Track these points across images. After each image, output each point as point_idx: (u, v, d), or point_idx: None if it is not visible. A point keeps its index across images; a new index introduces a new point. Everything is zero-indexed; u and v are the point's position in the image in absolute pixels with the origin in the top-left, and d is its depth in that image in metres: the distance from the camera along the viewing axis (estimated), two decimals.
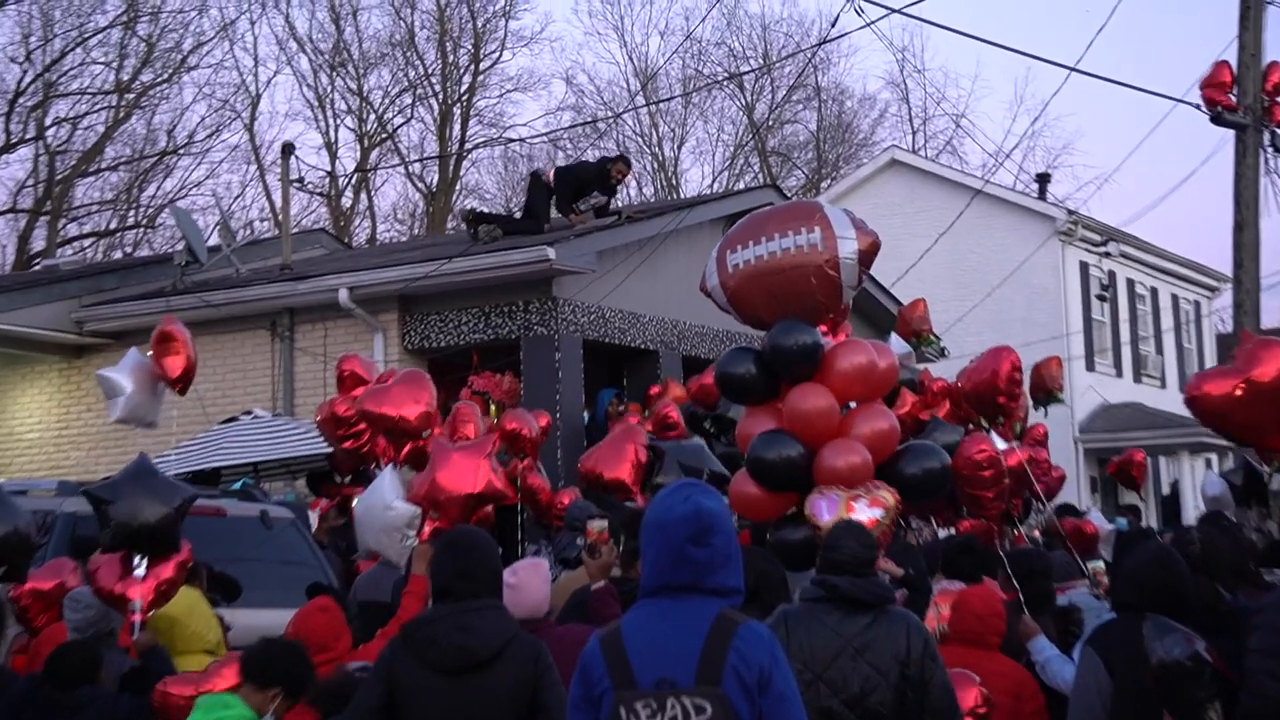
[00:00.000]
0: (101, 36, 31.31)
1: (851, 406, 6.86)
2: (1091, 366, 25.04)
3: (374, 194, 37.85)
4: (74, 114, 31.36)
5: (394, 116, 36.56)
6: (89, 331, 15.13)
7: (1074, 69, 11.44)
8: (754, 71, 38.49)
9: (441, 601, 4.21)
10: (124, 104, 31.87)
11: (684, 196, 34.88)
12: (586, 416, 13.24)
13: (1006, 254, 23.44)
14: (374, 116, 36.26)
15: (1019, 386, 9.25)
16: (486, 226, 14.17)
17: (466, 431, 9.21)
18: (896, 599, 5.14)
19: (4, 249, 31.85)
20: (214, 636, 6.55)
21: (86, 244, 32.14)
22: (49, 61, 30.75)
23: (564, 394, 12.86)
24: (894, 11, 10.95)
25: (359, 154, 36.33)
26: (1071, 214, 24.90)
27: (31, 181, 31.40)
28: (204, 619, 6.57)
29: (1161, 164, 41.07)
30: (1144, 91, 18.79)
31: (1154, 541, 6.14)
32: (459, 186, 37.36)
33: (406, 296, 13.58)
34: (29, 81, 30.70)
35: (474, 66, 36.66)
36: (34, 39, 30.73)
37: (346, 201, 36.66)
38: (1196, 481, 22.28)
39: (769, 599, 4.86)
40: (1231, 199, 13.72)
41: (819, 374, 6.75)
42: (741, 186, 36.83)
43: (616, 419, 12.70)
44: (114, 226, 32.67)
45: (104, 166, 32.14)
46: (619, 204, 15.08)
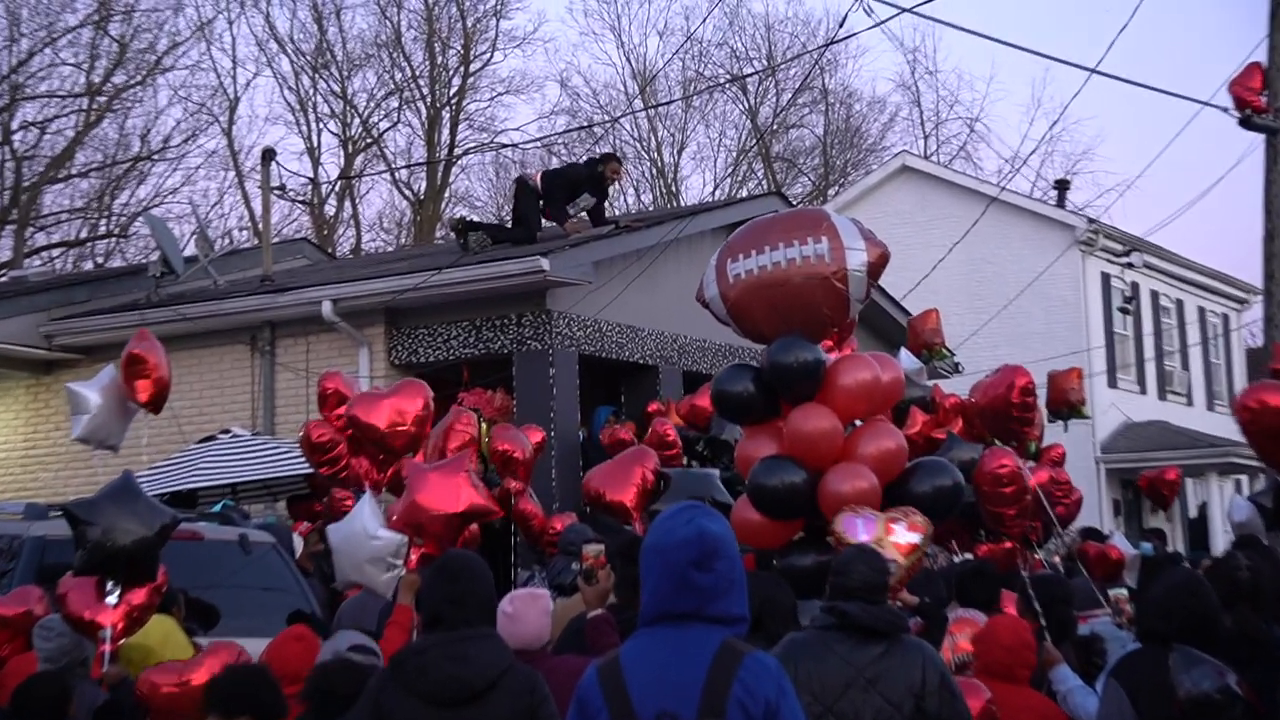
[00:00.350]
0: (71, 36, 31.38)
1: (856, 424, 6.86)
2: (1114, 383, 25.05)
3: (359, 202, 37.91)
4: (42, 118, 31.40)
5: (380, 120, 36.64)
6: (58, 346, 15.12)
7: (1094, 70, 11.47)
8: (758, 74, 38.61)
9: (432, 630, 4.19)
10: (95, 107, 31.90)
11: (684, 205, 34.92)
12: (583, 435, 13.24)
13: (1024, 265, 23.47)
14: (358, 120, 36.34)
15: (1032, 410, 9.24)
16: (476, 235, 14.19)
17: (454, 442, 9.23)
18: (911, 628, 5.13)
19: None
20: None
21: (56, 254, 32.15)
22: (15, 63, 30.80)
23: (558, 411, 12.86)
24: (905, 11, 10.98)
25: (343, 160, 36.39)
26: (1092, 222, 24.94)
27: None
28: (179, 649, 6.55)
29: (1187, 170, 41.14)
30: (1169, 94, 18.78)
31: (1181, 567, 6.15)
32: (448, 194, 37.43)
33: (393, 309, 13.59)
34: None
35: (464, 68, 36.75)
36: None
37: (330, 210, 36.72)
38: (1226, 504, 22.26)
39: (774, 628, 4.85)
40: (1262, 206, 13.73)
41: (821, 392, 6.74)
42: (744, 194, 36.88)
43: (609, 437, 12.70)
44: (85, 236, 32.68)
45: (74, 173, 32.17)
46: (614, 212, 15.10)
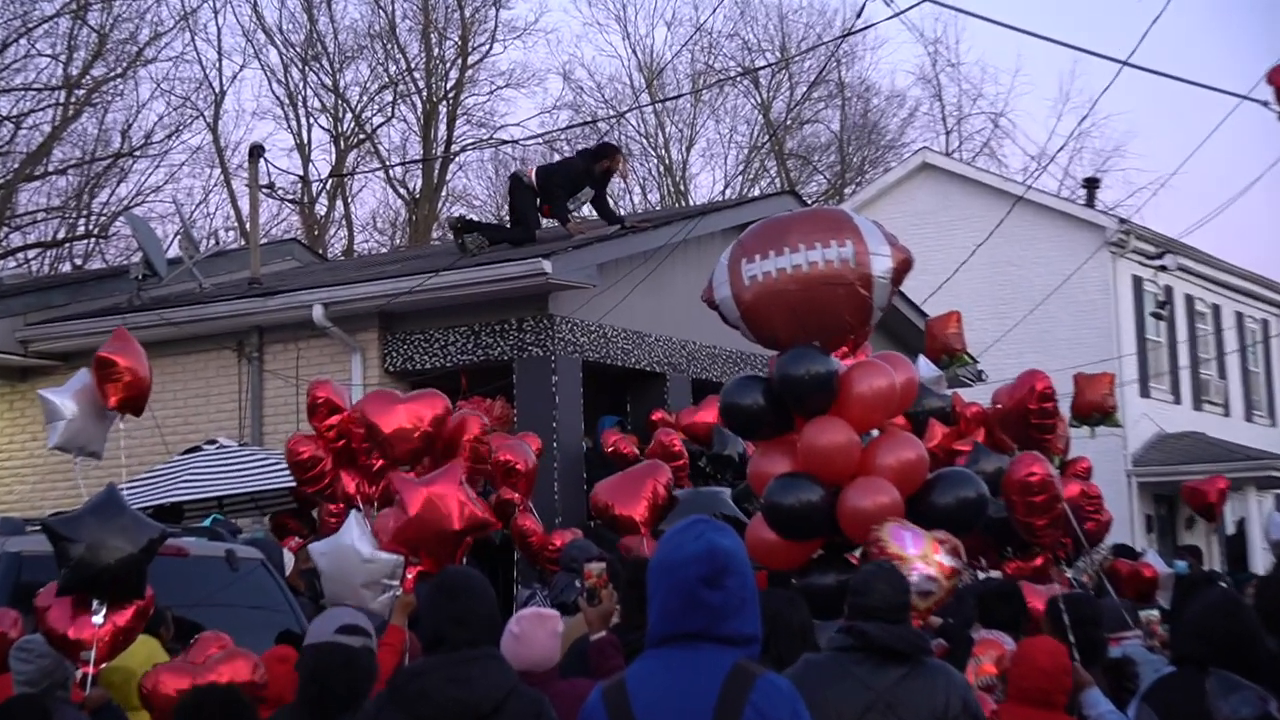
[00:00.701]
0: (48, 26, 31.39)
1: (873, 434, 6.86)
2: (1146, 392, 25.02)
3: (351, 201, 37.97)
4: (17, 112, 31.42)
5: (373, 115, 36.71)
6: (35, 352, 15.15)
7: (1126, 63, 11.43)
8: (771, 66, 38.61)
9: (433, 651, 4.19)
10: (73, 101, 31.94)
11: (693, 204, 34.94)
12: (587, 445, 13.25)
13: (1051, 268, 23.46)
14: (351, 115, 36.40)
15: (1052, 416, 9.23)
16: (472, 236, 14.22)
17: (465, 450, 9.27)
18: (934, 650, 5.13)
19: None
20: None
21: (32, 255, 32.20)
22: None
23: (561, 421, 12.86)
24: (925, 0, 10.99)
25: (334, 157, 36.46)
26: (1123, 223, 24.93)
27: None
28: None
29: (1225, 167, 41.07)
30: (1204, 87, 18.71)
31: (1218, 587, 6.14)
32: (445, 193, 37.48)
33: (387, 314, 13.61)
34: None
35: (461, 60, 36.80)
36: None
37: (321, 209, 36.77)
38: (1264, 520, 22.21)
39: (783, 649, 4.83)
40: None
41: (835, 402, 6.74)
42: (757, 193, 36.91)
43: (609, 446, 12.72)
44: (63, 236, 32.73)
45: (51, 170, 32.20)
46: (619, 210, 15.13)
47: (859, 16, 26.68)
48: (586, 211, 14.67)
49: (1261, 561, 20.62)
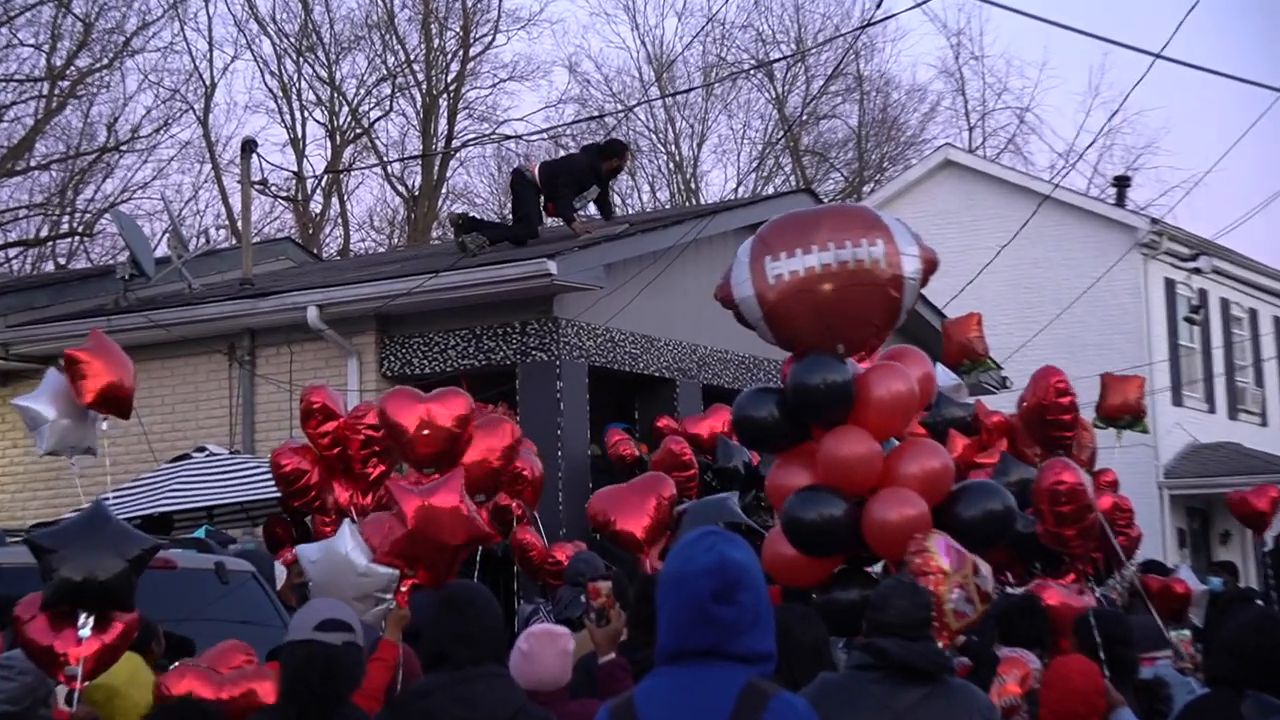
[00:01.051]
0: (30, 14, 31.48)
1: (893, 442, 6.85)
2: (1179, 401, 25.00)
3: (347, 198, 38.04)
4: None
5: (370, 109, 36.77)
6: (17, 355, 15.17)
7: (1159, 55, 11.43)
8: (786, 59, 38.65)
9: (436, 669, 4.18)
10: (57, 93, 32.01)
11: (705, 202, 34.96)
12: (595, 453, 13.25)
13: (1079, 270, 23.45)
14: (347, 109, 36.46)
15: (1069, 411, 9.18)
16: (471, 235, 14.24)
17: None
18: (957, 669, 5.13)
19: None
20: None
21: (13, 254, 32.30)
22: None
23: (566, 428, 12.88)
24: None
25: (330, 152, 36.52)
26: (1155, 223, 24.91)
27: None
28: (146, 689, 6.56)
29: (1262, 165, 41.05)
30: (1241, 81, 18.72)
31: (1255, 605, 6.14)
32: (445, 190, 37.54)
33: (385, 316, 13.63)
34: None
35: (463, 52, 36.86)
36: None
37: (316, 207, 36.85)
38: None
39: (794, 668, 4.83)
40: None
41: (852, 410, 6.73)
42: (771, 191, 36.93)
43: (614, 452, 12.71)
44: (45, 234, 32.81)
45: (33, 165, 32.28)
46: (627, 209, 15.15)
47: (878, 7, 26.74)
48: (592, 210, 14.70)
49: None
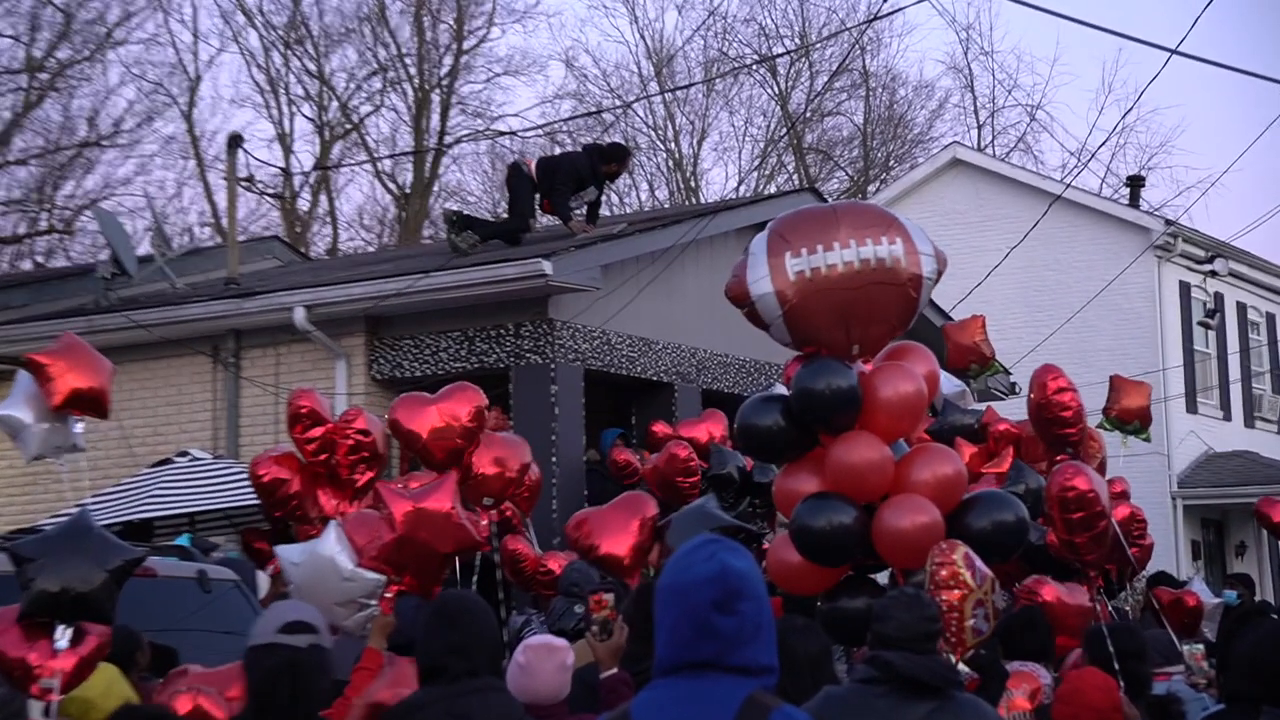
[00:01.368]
0: (9, 5, 31.48)
1: (903, 445, 6.86)
2: (1193, 408, 25.00)
3: (336, 195, 38.07)
4: None
5: (361, 104, 36.78)
6: None
7: (1175, 51, 11.44)
8: (789, 54, 38.68)
9: (431, 682, 4.18)
10: (36, 86, 32.01)
11: (705, 201, 34.97)
12: (593, 459, 13.24)
13: (1091, 272, 23.48)
14: (337, 104, 36.47)
15: (1069, 409, 9.17)
16: (462, 235, 14.24)
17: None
18: (965, 683, 5.13)
19: None
20: None
21: None
22: None
23: (561, 433, 12.87)
24: None
25: (318, 148, 36.52)
26: (1170, 224, 24.92)
27: None
28: (122, 701, 6.56)
29: None
30: (1260, 78, 18.72)
31: (1271, 619, 6.13)
32: (437, 188, 37.55)
33: (374, 317, 13.63)
34: None
35: (456, 45, 36.88)
36: None
37: (304, 204, 36.85)
38: None
39: (788, 683, 4.81)
40: None
41: (860, 413, 6.73)
42: (773, 190, 36.94)
43: (602, 462, 12.68)
44: (23, 231, 32.79)
45: (11, 159, 32.26)
46: (623, 208, 15.16)
47: (885, 0, 26.75)
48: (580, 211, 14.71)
49: None
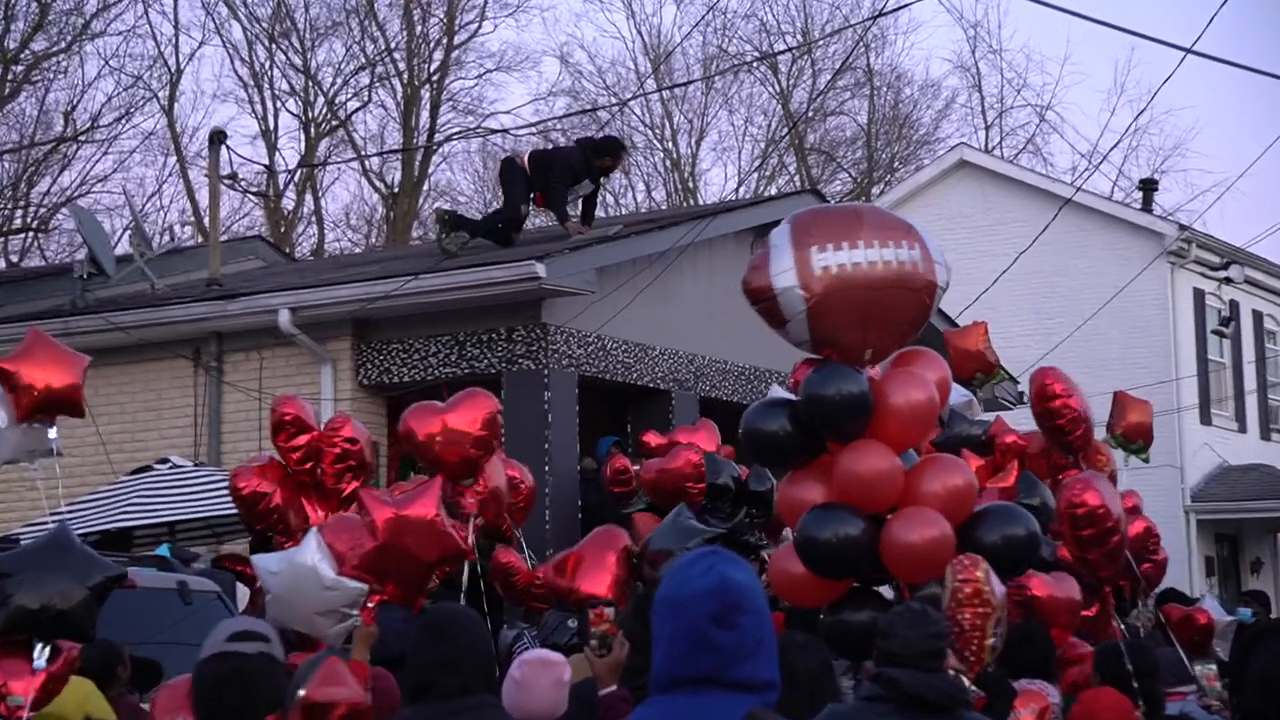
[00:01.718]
0: None
1: (912, 455, 6.88)
2: (1207, 419, 25.02)
3: (322, 194, 38.04)
4: None
5: (348, 100, 36.75)
6: None
7: (1189, 50, 11.46)
8: (791, 51, 38.67)
9: (420, 700, 4.16)
10: (10, 78, 31.98)
11: (703, 203, 34.97)
12: (584, 467, 13.24)
13: (1102, 279, 23.49)
14: (323, 99, 36.46)
15: (1066, 414, 9.15)
16: (451, 236, 14.25)
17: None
18: (973, 702, 5.13)
19: None
20: None
21: None
22: None
23: (554, 441, 12.88)
24: None
25: (304, 145, 36.51)
26: (1184, 229, 24.96)
27: None
28: (99, 716, 6.56)
29: None
30: (1277, 78, 18.74)
31: None
32: (427, 187, 37.51)
33: (361, 321, 13.63)
34: None
35: (447, 40, 36.86)
36: None
37: (288, 203, 36.83)
38: None
39: (786, 700, 4.81)
40: None
41: (870, 421, 6.76)
42: (774, 191, 36.96)
43: (598, 471, 12.67)
44: None
45: None
46: (619, 209, 15.18)
47: None
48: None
49: None
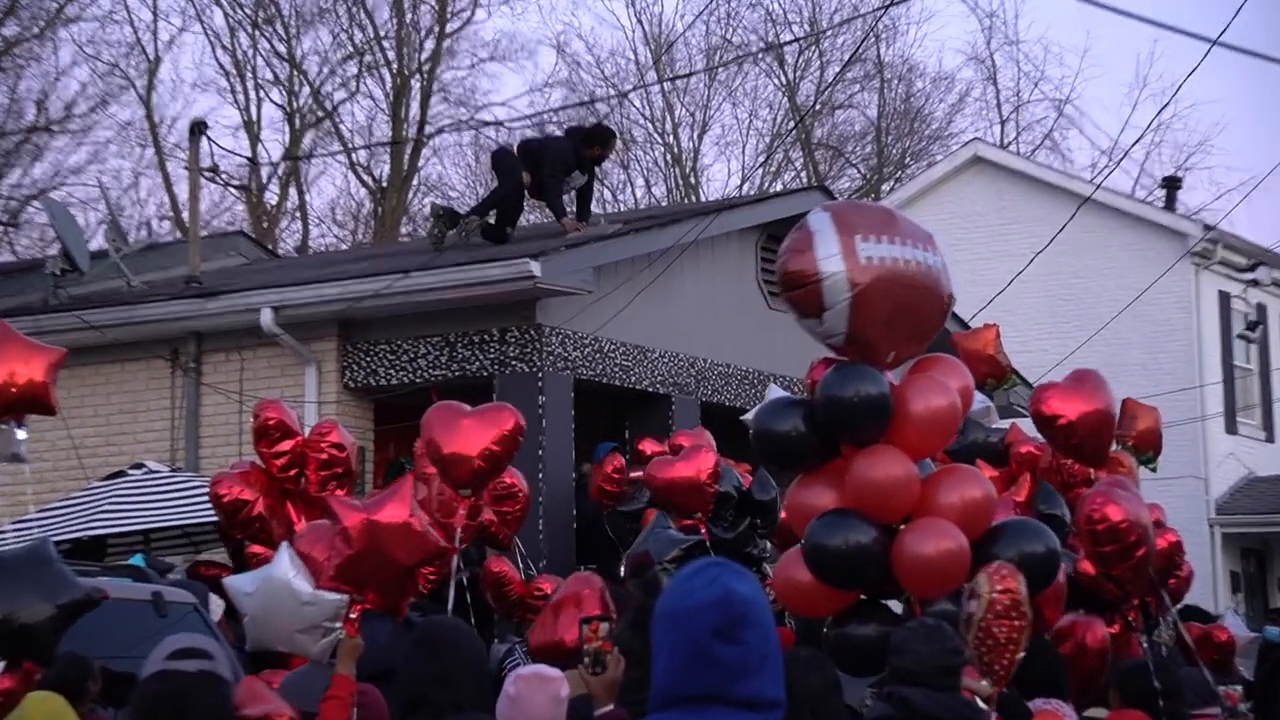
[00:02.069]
0: None
1: (928, 465, 6.88)
2: (1233, 428, 25.02)
3: (307, 188, 38.04)
4: None
5: (334, 90, 36.78)
6: None
7: (1216, 41, 11.45)
8: (798, 41, 38.73)
9: (412, 716, 4.16)
10: None
11: (706, 199, 34.98)
12: (581, 472, 13.22)
13: (1123, 280, 23.50)
14: (308, 90, 36.47)
15: (1060, 425, 9.13)
16: (467, 220, 14.26)
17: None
18: None
19: None
20: None
21: None
22: None
23: (549, 448, 12.86)
24: None
25: (288, 137, 36.53)
26: (1209, 229, 24.95)
27: None
28: None
29: None
30: None
31: None
32: (416, 181, 37.56)
33: (348, 320, 13.62)
34: None
35: (438, 28, 36.89)
36: None
37: (272, 197, 36.85)
38: None
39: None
40: None
41: (889, 426, 6.76)
42: (779, 188, 36.97)
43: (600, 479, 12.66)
44: None
45: None
46: (618, 206, 15.19)
47: None
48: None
49: None
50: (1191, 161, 40.32)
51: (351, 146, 36.59)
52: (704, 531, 11.18)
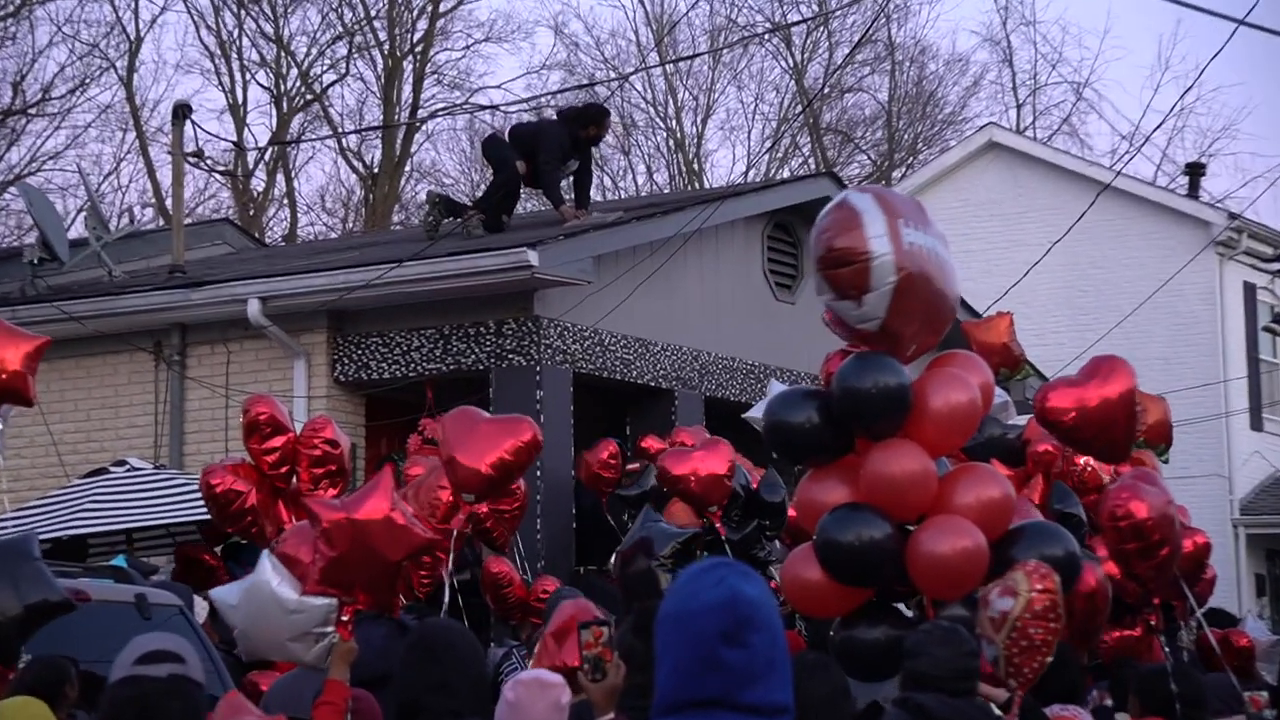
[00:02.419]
0: None
1: (944, 463, 6.89)
2: (1258, 424, 25.01)
3: (295, 175, 38.03)
4: None
5: (323, 72, 36.76)
6: None
7: (1241, 21, 11.44)
8: (806, 22, 38.71)
9: None
10: None
11: (710, 186, 34.98)
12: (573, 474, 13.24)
13: (1144, 271, 23.50)
14: (296, 72, 36.46)
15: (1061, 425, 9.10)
16: (471, 215, 14.27)
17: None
18: None
19: None
20: None
21: None
22: None
23: (547, 443, 12.76)
24: None
25: (275, 121, 36.50)
26: (1234, 218, 24.95)
27: None
28: None
29: None
30: None
31: None
32: (409, 167, 37.54)
33: (338, 312, 13.62)
34: None
35: (431, 8, 36.87)
36: None
37: (258, 184, 36.84)
38: None
39: None
40: None
41: (906, 420, 6.78)
42: (786, 174, 36.96)
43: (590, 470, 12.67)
44: None
45: None
46: (617, 192, 15.20)
47: None
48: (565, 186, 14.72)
49: None
50: (1215, 147, 40.33)
51: (341, 131, 36.61)
52: (719, 526, 11.15)
